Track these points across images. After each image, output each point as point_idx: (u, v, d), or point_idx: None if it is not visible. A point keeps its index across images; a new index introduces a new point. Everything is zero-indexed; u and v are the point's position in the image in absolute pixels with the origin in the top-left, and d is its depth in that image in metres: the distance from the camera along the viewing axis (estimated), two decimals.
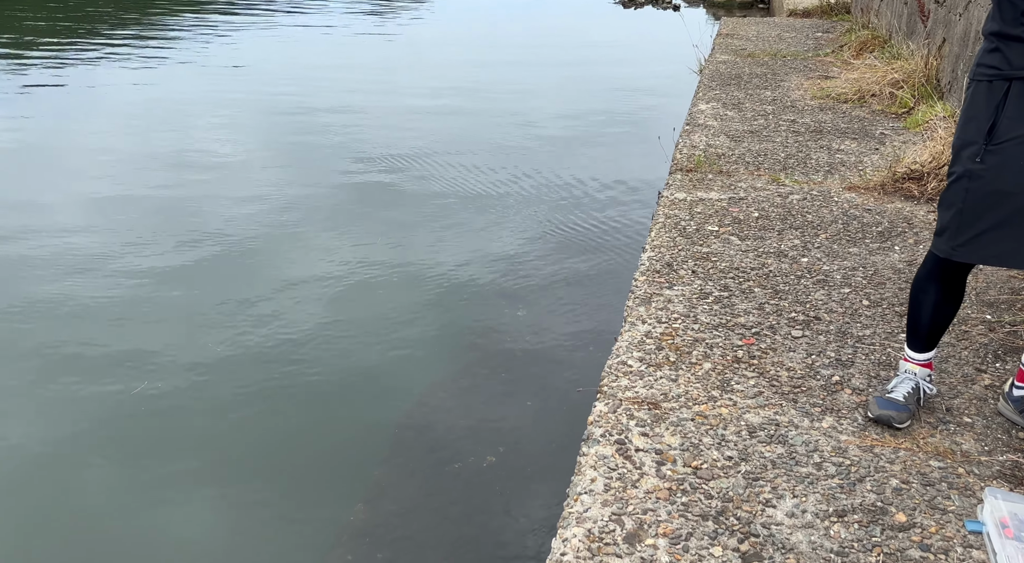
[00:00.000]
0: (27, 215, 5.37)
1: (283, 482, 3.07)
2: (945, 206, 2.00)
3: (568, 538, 1.74)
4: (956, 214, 1.96)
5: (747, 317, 2.71)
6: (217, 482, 3.04)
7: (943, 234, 2.01)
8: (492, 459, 3.19)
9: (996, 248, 1.94)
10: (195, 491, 2.99)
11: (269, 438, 3.30)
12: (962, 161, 1.95)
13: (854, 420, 2.17)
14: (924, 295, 2.12)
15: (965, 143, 1.95)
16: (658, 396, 2.26)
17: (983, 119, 1.90)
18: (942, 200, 2.02)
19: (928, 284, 2.11)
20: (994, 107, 1.89)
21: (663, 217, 3.59)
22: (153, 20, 13.50)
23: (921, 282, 2.13)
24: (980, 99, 1.93)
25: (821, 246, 3.30)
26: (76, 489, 2.98)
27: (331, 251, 4.92)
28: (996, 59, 1.90)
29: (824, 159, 4.46)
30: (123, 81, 9.22)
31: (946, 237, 2.00)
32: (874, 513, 1.84)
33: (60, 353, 3.80)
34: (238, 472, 3.11)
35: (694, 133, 4.91)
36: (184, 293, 4.38)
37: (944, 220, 2.00)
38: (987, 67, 1.92)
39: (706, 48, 7.89)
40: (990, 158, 1.89)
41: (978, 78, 1.95)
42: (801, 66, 6.95)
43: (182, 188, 5.91)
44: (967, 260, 2.01)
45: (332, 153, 6.77)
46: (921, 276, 2.13)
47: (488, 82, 9.46)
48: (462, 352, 3.97)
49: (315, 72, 9.89)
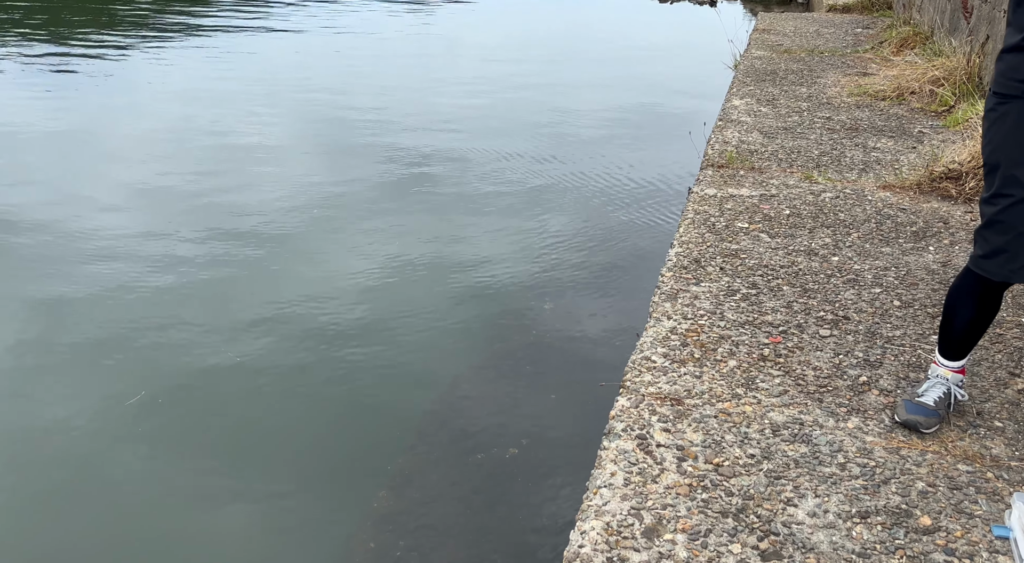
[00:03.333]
0: (64, 206, 5.50)
1: (308, 468, 3.12)
2: (999, 229, 1.92)
3: (586, 530, 1.75)
4: (1016, 238, 1.89)
5: (775, 315, 2.68)
6: (244, 468, 3.10)
7: (997, 257, 1.93)
8: (515, 451, 3.20)
9: None
10: (222, 476, 3.05)
11: (295, 425, 3.35)
12: (1020, 184, 1.86)
13: (880, 421, 2.14)
14: (961, 308, 2.07)
15: (1018, 163, 1.87)
16: (681, 392, 2.25)
17: None
18: (993, 221, 1.93)
19: (966, 299, 2.06)
20: None
21: (692, 213, 3.56)
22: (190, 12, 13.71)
23: (958, 296, 2.08)
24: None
25: (853, 245, 3.26)
26: (105, 476, 3.04)
27: (361, 242, 4.97)
28: None
29: (859, 157, 4.38)
30: (160, 71, 9.38)
31: (1002, 260, 1.93)
32: (898, 515, 1.81)
33: (91, 341, 3.89)
34: (264, 458, 3.16)
35: (727, 129, 4.86)
36: (214, 282, 4.45)
37: (998, 242, 1.93)
38: None
39: (742, 44, 7.80)
40: None
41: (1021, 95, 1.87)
42: (839, 62, 6.83)
43: (218, 177, 6.00)
44: None
45: (367, 145, 6.83)
46: (960, 290, 2.08)
47: (522, 77, 9.45)
48: (488, 344, 3.99)
49: (352, 65, 9.97)
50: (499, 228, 5.20)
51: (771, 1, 15.38)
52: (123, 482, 3.01)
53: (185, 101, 8.05)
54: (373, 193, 5.74)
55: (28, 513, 2.84)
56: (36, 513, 2.84)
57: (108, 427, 3.27)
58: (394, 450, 3.23)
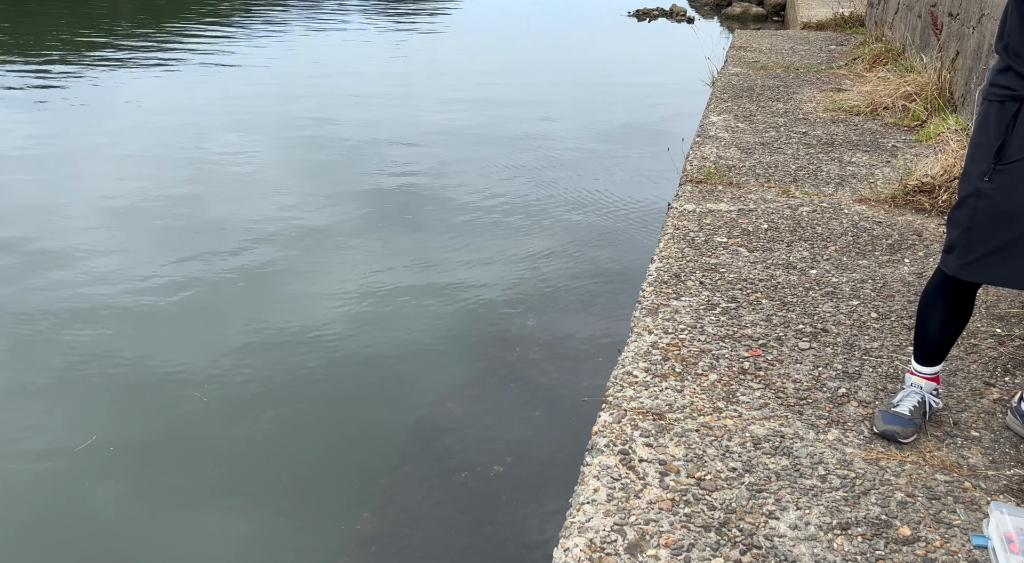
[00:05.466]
0: (48, 223, 5.45)
1: (291, 489, 3.09)
2: (954, 224, 2.00)
3: (570, 547, 1.74)
4: (963, 233, 1.96)
5: (754, 328, 2.71)
6: (226, 488, 3.07)
7: (951, 251, 2.00)
8: (499, 469, 3.19)
9: (1003, 268, 1.93)
10: (204, 496, 3.02)
11: (278, 446, 3.33)
12: (971, 180, 1.95)
13: (860, 433, 2.16)
14: (932, 310, 2.11)
15: (975, 162, 1.95)
16: (663, 407, 2.26)
17: (993, 139, 1.90)
18: (951, 218, 2.02)
19: (937, 299, 2.10)
20: (1004, 127, 1.88)
21: (672, 228, 3.59)
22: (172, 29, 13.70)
23: (929, 297, 2.12)
24: (991, 119, 1.93)
25: (830, 258, 3.30)
26: (87, 493, 3.01)
27: (342, 261, 4.96)
28: (1007, 79, 1.90)
29: (835, 171, 4.45)
30: (143, 88, 9.35)
31: (954, 255, 1.99)
32: (878, 526, 1.83)
33: (77, 357, 3.85)
34: (246, 479, 3.13)
35: (705, 145, 4.92)
36: (196, 303, 4.43)
37: (952, 238, 2.00)
38: (999, 87, 1.92)
39: (719, 60, 7.91)
40: (999, 178, 1.89)
41: (990, 98, 1.95)
42: (814, 79, 6.95)
43: (199, 199, 5.98)
44: (973, 279, 2.01)
45: (348, 162, 6.83)
46: (930, 291, 2.13)
47: (501, 94, 9.52)
48: (471, 361, 3.99)
49: (332, 82, 9.99)
50: (480, 246, 5.21)
51: (747, 18, 15.63)
52: (112, 498, 2.97)
53: (164, 121, 8.02)
54: (354, 212, 5.74)
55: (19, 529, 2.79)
56: (21, 534, 2.79)
57: (87, 447, 3.23)
58: (377, 471, 3.21)
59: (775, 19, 15.33)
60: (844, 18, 9.93)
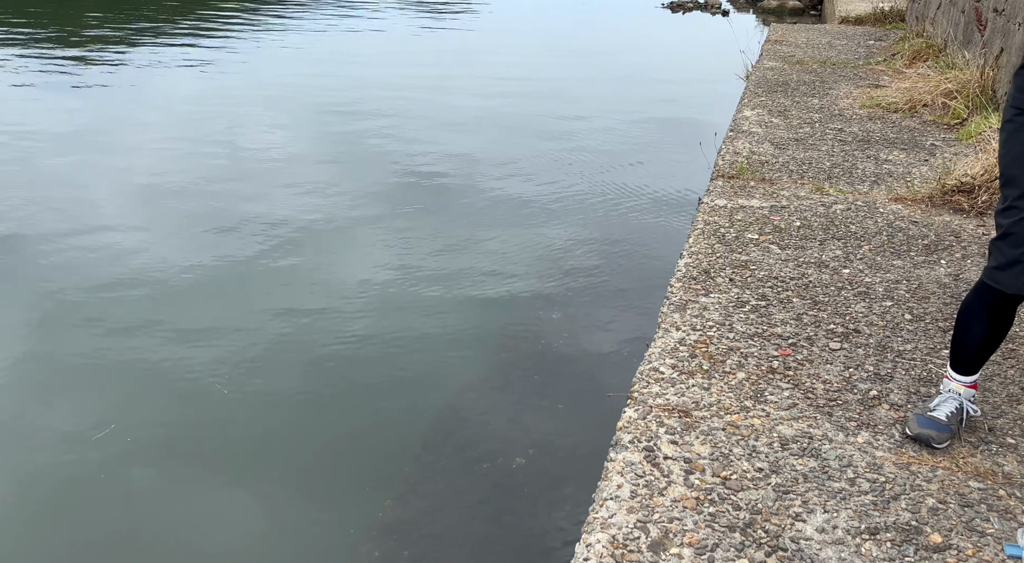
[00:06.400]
0: (78, 207, 5.54)
1: (314, 476, 3.11)
2: (1013, 241, 1.90)
3: (592, 543, 1.73)
4: None
5: (784, 327, 2.66)
6: (250, 475, 3.09)
7: (1011, 268, 1.91)
8: (521, 461, 3.19)
9: None
10: (228, 483, 3.04)
11: (302, 433, 3.35)
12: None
13: (891, 436, 2.12)
14: (973, 322, 2.05)
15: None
16: (689, 404, 2.23)
17: None
18: (1008, 233, 1.91)
19: (979, 313, 2.04)
20: None
21: (702, 223, 3.55)
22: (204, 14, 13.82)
23: (971, 310, 2.06)
24: None
25: (864, 257, 3.23)
26: (104, 481, 3.03)
27: (368, 250, 4.97)
28: None
29: (871, 169, 4.36)
30: (175, 75, 9.45)
31: (1016, 271, 1.90)
32: (908, 532, 1.79)
33: (97, 346, 3.90)
34: (270, 466, 3.15)
35: (737, 140, 4.85)
36: (221, 289, 4.46)
37: (1012, 254, 1.90)
38: None
39: (754, 54, 7.79)
40: None
41: None
42: (851, 74, 6.81)
43: (226, 184, 6.03)
44: None
45: (379, 152, 6.85)
46: (973, 303, 2.06)
47: (534, 86, 9.47)
48: (495, 353, 3.98)
49: (366, 71, 10.02)
50: (507, 238, 5.20)
51: (783, 12, 15.38)
52: (131, 486, 3.01)
53: (195, 107, 8.10)
54: (381, 201, 5.75)
55: (32, 525, 2.83)
56: (41, 524, 2.84)
57: (113, 434, 3.27)
58: (400, 459, 3.22)
59: (812, 13, 15.07)
60: (884, 13, 9.73)
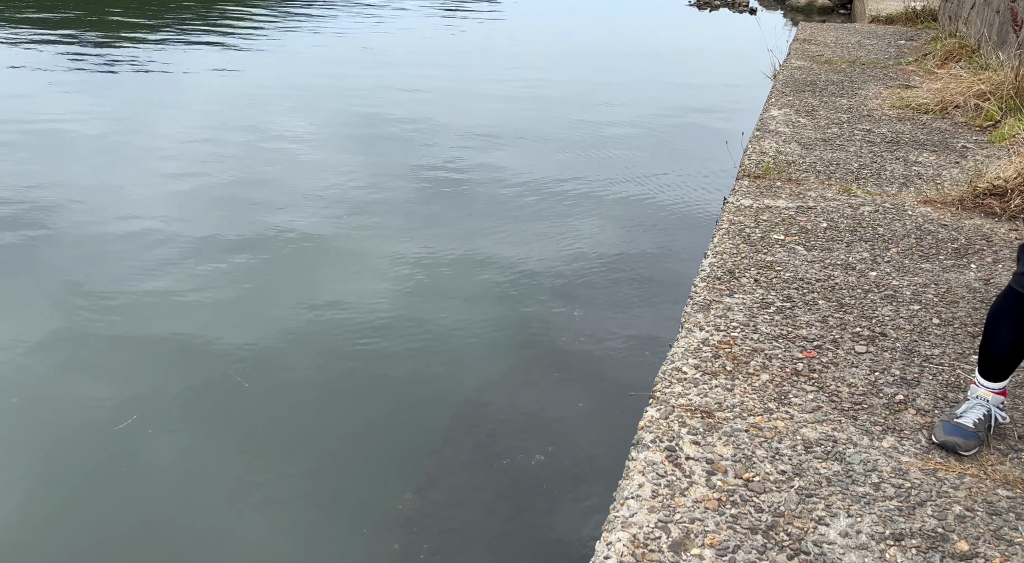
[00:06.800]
0: (105, 198, 5.62)
1: (335, 468, 3.13)
2: None
3: (612, 542, 1.73)
4: None
5: (809, 329, 2.64)
6: (271, 466, 3.12)
7: None
8: (541, 457, 3.19)
9: None
10: (250, 474, 3.07)
11: (323, 425, 3.38)
12: None
13: (917, 441, 2.09)
14: (1003, 329, 2.02)
15: None
16: (712, 405, 2.22)
17: None
18: None
19: (1008, 319, 2.01)
20: None
21: (727, 223, 3.52)
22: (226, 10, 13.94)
23: (1001, 316, 2.03)
24: None
25: (891, 260, 3.19)
26: (135, 470, 3.07)
27: (391, 245, 4.99)
28: None
29: (900, 171, 4.30)
30: (205, 69, 9.54)
31: None
32: (934, 539, 1.77)
33: (124, 334, 3.96)
34: (291, 457, 3.18)
35: (764, 139, 4.81)
36: (244, 281, 4.51)
37: None
38: None
39: (781, 53, 7.71)
40: None
41: None
42: (881, 74, 6.72)
43: (253, 178, 6.08)
44: None
45: (402, 147, 6.88)
46: (1002, 309, 2.03)
47: (558, 83, 9.45)
48: (516, 348, 3.98)
49: (389, 68, 10.05)
50: (529, 234, 5.19)
51: (812, 10, 15.20)
52: (152, 477, 3.05)
53: (221, 101, 8.18)
54: (405, 197, 5.77)
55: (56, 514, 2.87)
56: (64, 512, 2.88)
57: (138, 422, 3.32)
58: (420, 453, 3.23)
59: (841, 12, 14.88)
60: (915, 12, 9.58)
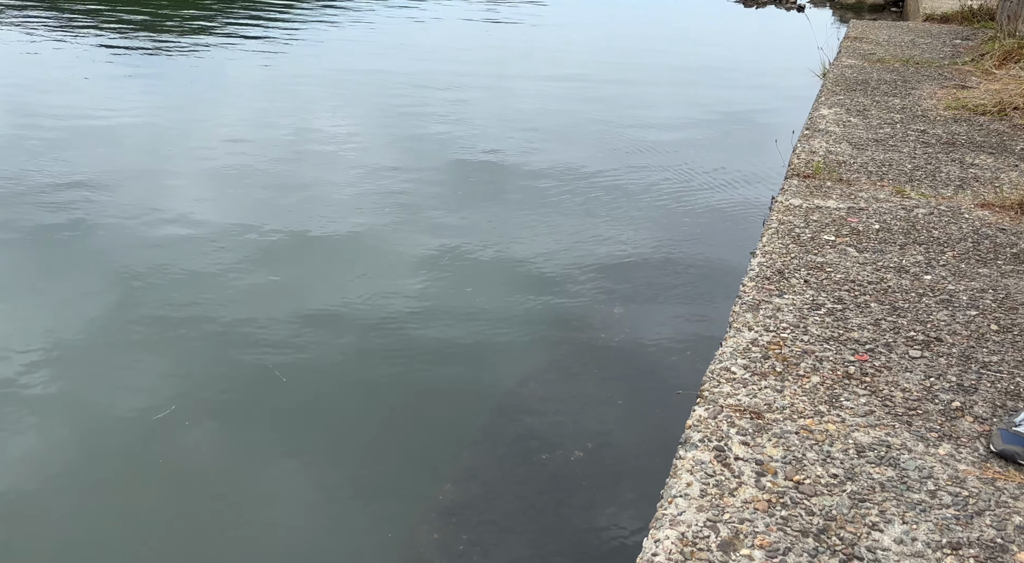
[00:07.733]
0: (146, 189, 5.73)
1: (375, 459, 3.16)
2: None
3: (661, 539, 1.71)
4: None
5: (861, 332, 2.58)
6: (311, 457, 3.15)
7: None
8: (580, 454, 3.18)
9: None
10: (288, 464, 3.11)
11: (363, 416, 3.41)
12: None
13: (974, 449, 2.03)
14: None
15: None
16: (761, 406, 2.18)
17: None
18: None
19: None
20: None
21: (776, 223, 3.46)
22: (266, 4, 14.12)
23: None
24: None
25: (947, 264, 3.11)
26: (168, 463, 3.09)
27: (431, 238, 5.01)
28: None
29: (955, 173, 4.19)
30: (249, 62, 9.69)
31: None
32: (993, 550, 1.72)
33: (160, 324, 4.01)
34: (331, 447, 3.21)
35: (814, 138, 4.72)
36: (281, 273, 4.56)
37: None
38: None
39: (831, 51, 7.56)
40: None
41: None
42: (935, 74, 6.55)
43: (288, 171, 6.16)
44: None
45: (441, 138, 6.90)
46: None
47: (602, 79, 9.40)
48: (554, 344, 3.97)
49: (427, 62, 10.09)
50: (570, 230, 5.17)
51: (862, 8, 14.89)
52: (191, 467, 3.08)
53: (261, 94, 8.29)
54: (441, 189, 5.79)
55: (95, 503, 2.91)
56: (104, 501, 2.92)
57: (174, 414, 3.35)
58: (459, 445, 3.25)
59: (893, 9, 14.55)
60: (972, 11, 9.32)
